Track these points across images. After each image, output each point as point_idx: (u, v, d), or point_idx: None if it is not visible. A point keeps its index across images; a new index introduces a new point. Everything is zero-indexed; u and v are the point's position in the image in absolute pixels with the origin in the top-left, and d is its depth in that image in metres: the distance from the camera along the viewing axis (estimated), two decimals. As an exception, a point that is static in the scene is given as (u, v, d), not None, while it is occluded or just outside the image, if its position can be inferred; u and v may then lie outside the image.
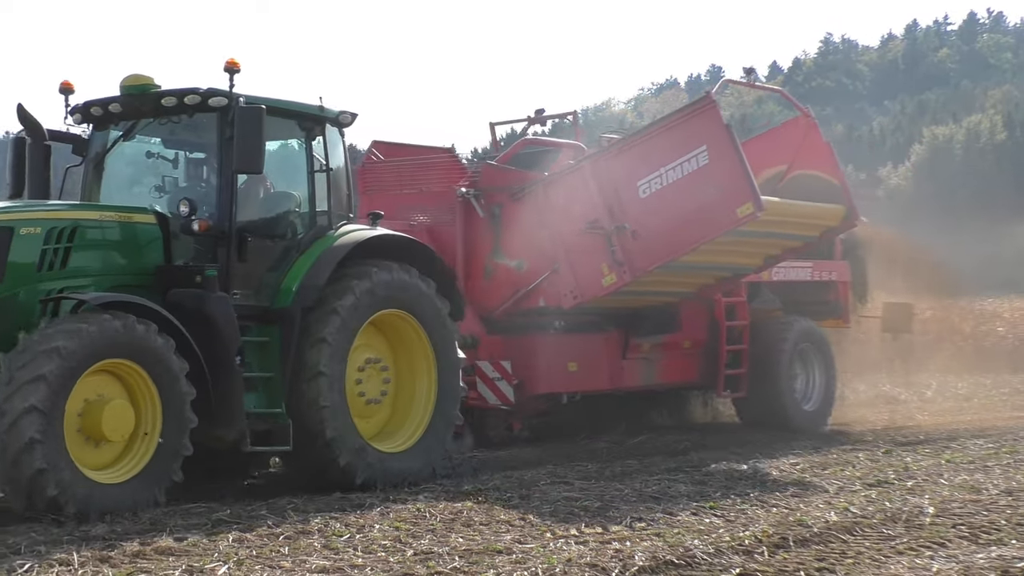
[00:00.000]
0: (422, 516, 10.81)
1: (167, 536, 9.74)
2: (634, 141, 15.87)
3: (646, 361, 18.18)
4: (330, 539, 9.75)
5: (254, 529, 10.10)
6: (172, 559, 8.97)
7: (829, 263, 20.60)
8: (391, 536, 9.87)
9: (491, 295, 16.70)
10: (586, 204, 15.92)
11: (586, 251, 15.99)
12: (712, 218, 15.43)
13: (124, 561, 8.90)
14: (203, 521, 10.51)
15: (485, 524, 10.46)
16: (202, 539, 9.68)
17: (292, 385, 12.19)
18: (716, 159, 15.38)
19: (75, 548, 9.21)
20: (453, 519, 10.69)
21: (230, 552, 9.18)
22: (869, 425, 19.80)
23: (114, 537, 9.74)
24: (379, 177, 17.47)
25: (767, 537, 9.84)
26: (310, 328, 12.27)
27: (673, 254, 15.64)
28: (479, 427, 16.82)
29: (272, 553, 9.21)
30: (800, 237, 17.16)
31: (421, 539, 9.77)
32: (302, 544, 9.54)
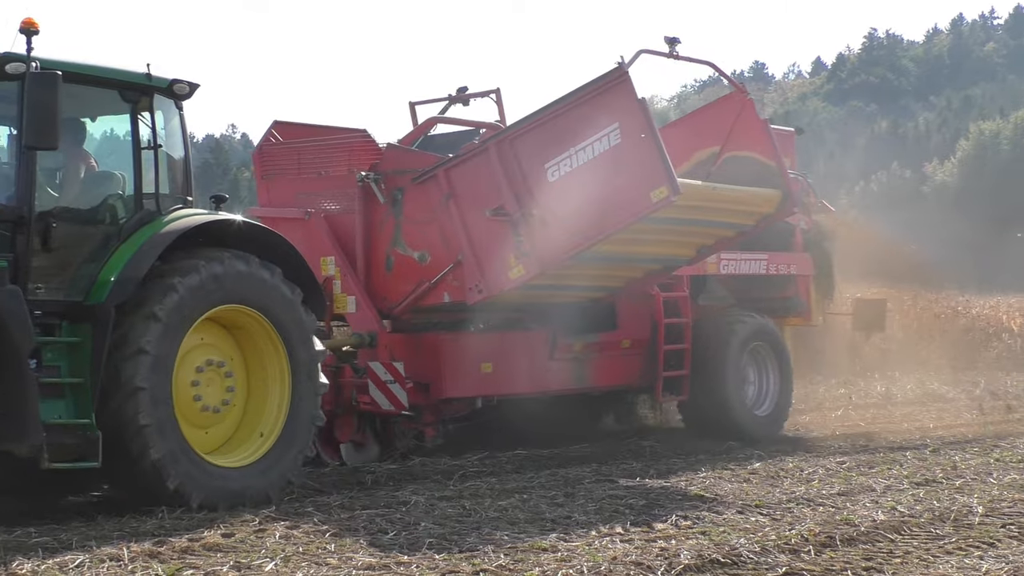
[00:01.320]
0: (467, 514, 10.72)
1: (215, 532, 9.74)
2: (542, 118, 14.18)
3: (577, 362, 16.53)
4: (376, 536, 9.70)
5: (301, 526, 10.08)
6: (220, 555, 8.99)
7: (787, 255, 18.90)
8: (437, 534, 9.79)
9: (393, 289, 15.09)
10: (491, 189, 14.28)
11: (492, 241, 14.34)
12: (624, 204, 13.76)
13: (173, 557, 8.94)
14: (250, 518, 10.42)
15: (530, 521, 10.41)
16: (249, 536, 9.67)
17: (106, 396, 10.59)
18: (629, 138, 13.70)
19: (125, 543, 9.20)
20: (498, 517, 10.59)
21: (277, 549, 9.20)
22: (916, 423, 19.16)
23: (163, 533, 9.76)
24: (277, 161, 15.86)
25: (813, 536, 9.76)
26: (127, 335, 10.67)
27: (583, 243, 13.96)
28: (384, 436, 15.20)
29: (318, 550, 9.20)
30: (732, 225, 15.43)
31: (467, 536, 9.70)
32: (348, 541, 9.50)
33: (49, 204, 10.82)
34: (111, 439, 10.54)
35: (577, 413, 17.76)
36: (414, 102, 17.14)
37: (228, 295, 11.23)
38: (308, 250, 14.96)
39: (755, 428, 17.40)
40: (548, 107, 14.20)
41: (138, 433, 10.58)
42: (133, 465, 10.66)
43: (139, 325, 10.67)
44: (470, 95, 16.95)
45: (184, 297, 10.87)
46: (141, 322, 10.68)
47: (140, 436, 10.58)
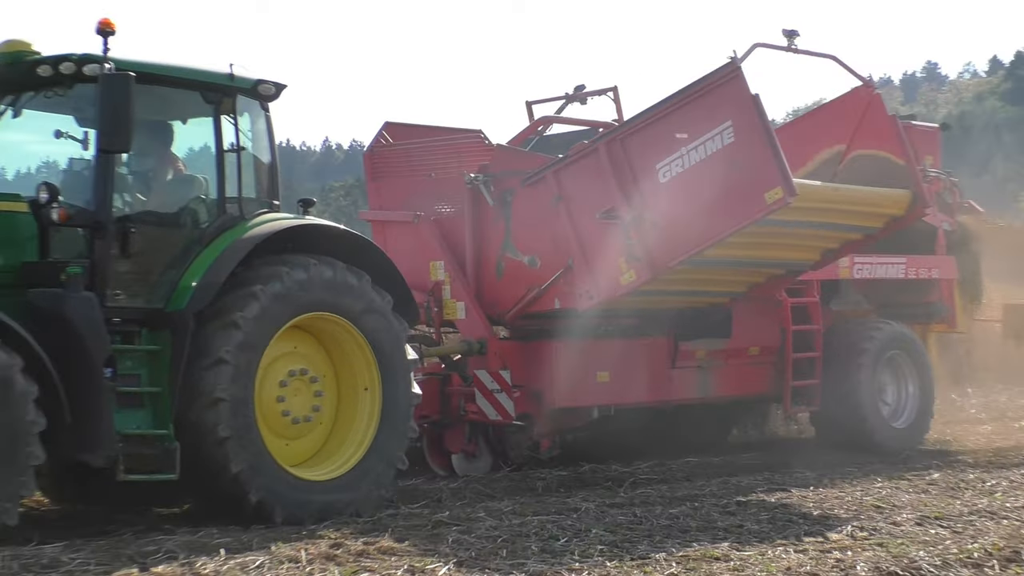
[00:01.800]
0: (639, 521, 10.64)
1: (389, 537, 9.82)
2: (653, 117, 13.55)
3: (701, 370, 15.86)
4: (547, 543, 9.70)
5: (473, 531, 10.10)
6: (395, 559, 9.08)
7: (929, 258, 17.96)
8: (608, 541, 9.75)
9: (503, 295, 14.59)
10: (602, 190, 13.68)
11: (603, 245, 13.74)
12: (738, 206, 13.05)
13: (349, 560, 9.03)
14: (424, 522, 10.55)
15: (701, 530, 10.32)
16: (422, 540, 9.76)
17: (185, 407, 10.25)
18: (742, 136, 13.01)
19: (303, 545, 9.37)
20: (670, 525, 10.51)
21: (449, 553, 9.27)
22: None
23: (339, 536, 9.86)
24: (387, 163, 15.48)
25: (997, 550, 9.47)
26: (207, 344, 10.33)
27: (696, 248, 13.29)
28: (497, 446, 14.72)
29: (490, 555, 9.24)
30: (858, 228, 14.62)
31: (638, 544, 9.67)
32: (520, 547, 9.52)
33: (131, 209, 10.56)
34: (190, 451, 10.22)
35: (702, 423, 17.11)
36: (531, 101, 16.66)
37: (313, 302, 10.85)
38: (417, 254, 14.71)
39: (892, 441, 16.56)
40: (659, 105, 13.57)
41: (218, 445, 10.25)
42: (213, 478, 10.34)
43: (219, 334, 10.34)
44: (587, 93, 16.41)
45: (266, 305, 10.51)
46: (221, 331, 10.35)
47: (220, 448, 10.26)
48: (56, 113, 10.91)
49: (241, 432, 10.32)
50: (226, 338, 10.31)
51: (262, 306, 10.48)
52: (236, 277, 10.56)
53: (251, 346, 10.43)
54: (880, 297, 17.71)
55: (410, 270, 14.70)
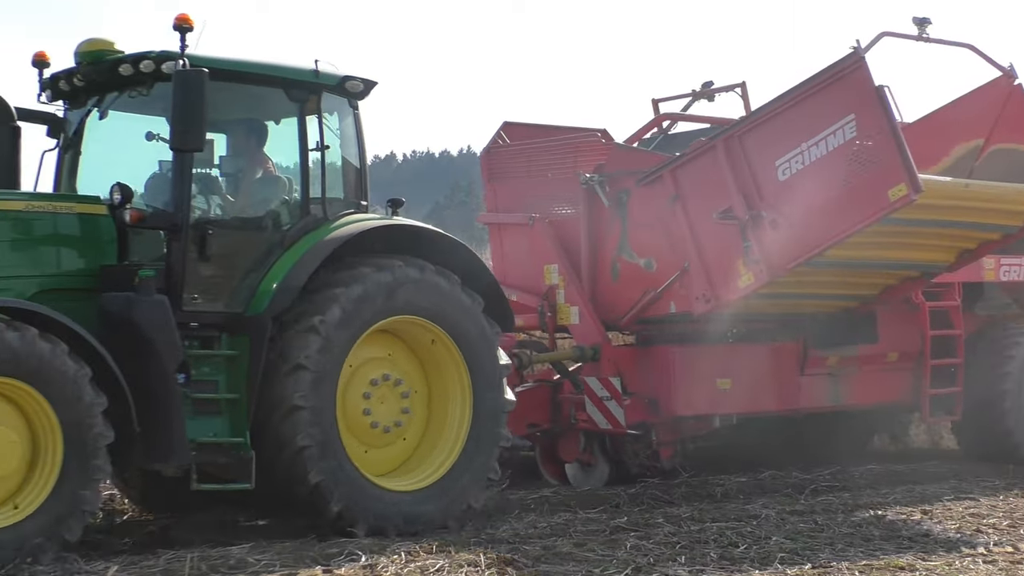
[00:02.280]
0: (819, 529, 10.50)
1: (567, 542, 9.83)
2: (771, 111, 12.82)
3: (832, 377, 15.06)
4: (726, 550, 9.59)
5: (651, 537, 10.05)
6: (572, 564, 9.08)
7: (1086, 260, 16.85)
8: (788, 548, 9.64)
9: (619, 298, 13.98)
10: (719, 190, 12.99)
11: (720, 246, 13.05)
12: (860, 203, 12.25)
13: (527, 565, 9.05)
14: (602, 528, 10.52)
15: (885, 539, 10.15)
16: (600, 545, 9.70)
17: (264, 415, 9.88)
18: (865, 131, 12.22)
19: (482, 550, 9.40)
20: (852, 533, 10.35)
21: (628, 559, 9.22)
22: None
23: (517, 540, 9.90)
24: (504, 164, 14.97)
25: None
26: (286, 350, 9.94)
27: (815, 248, 12.53)
28: (615, 455, 14.14)
29: (669, 561, 9.18)
30: (996, 227, 13.67)
31: (819, 552, 9.51)
32: (698, 553, 9.44)
33: (213, 210, 10.25)
34: (268, 460, 9.84)
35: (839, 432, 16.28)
36: (657, 99, 15.99)
37: (399, 306, 10.40)
38: (532, 257, 14.23)
39: None
40: (779, 99, 12.83)
41: (297, 455, 9.86)
42: (292, 489, 9.95)
43: (298, 339, 9.94)
44: (715, 90, 15.69)
45: (348, 309, 10.09)
46: (300, 336, 9.95)
47: (299, 458, 9.86)
48: (144, 114, 10.64)
49: (321, 441, 9.91)
50: (305, 344, 9.91)
51: (344, 310, 10.06)
52: (319, 280, 10.17)
53: (332, 352, 10.02)
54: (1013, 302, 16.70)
55: (525, 274, 14.38)
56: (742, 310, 13.59)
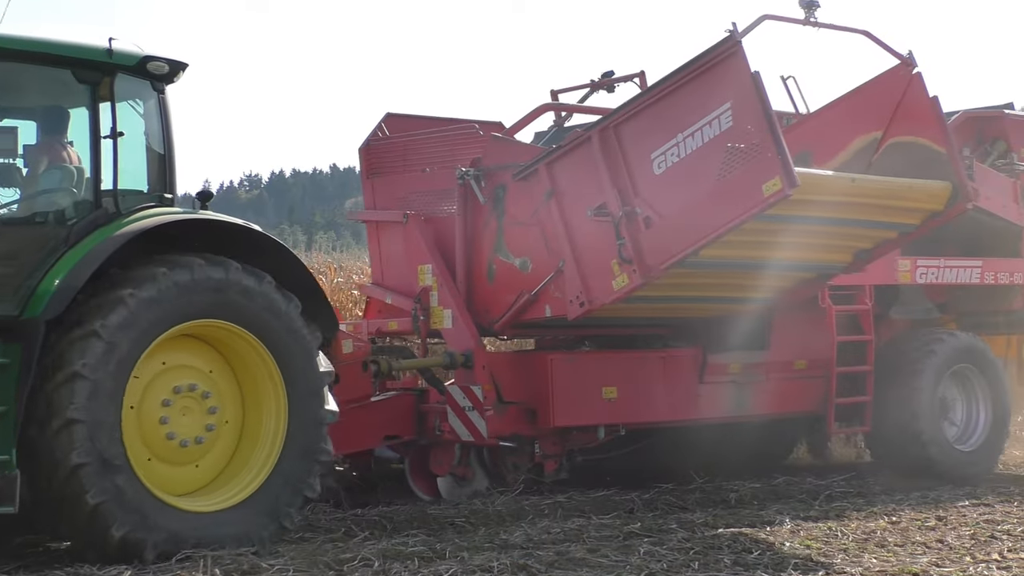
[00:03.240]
0: (834, 535, 10.38)
1: (581, 547, 9.71)
2: (646, 100, 11.77)
3: (736, 386, 13.99)
4: (740, 556, 9.47)
5: (665, 543, 9.93)
6: (586, 570, 8.97)
7: (1012, 262, 15.76)
8: (802, 554, 9.54)
9: (495, 301, 12.90)
10: (595, 184, 11.94)
11: (595, 245, 11.98)
12: (734, 199, 11.19)
13: (540, 570, 8.92)
14: (616, 534, 10.37)
15: (900, 545, 9.98)
16: (614, 551, 9.57)
17: (34, 429, 8.81)
18: (740, 120, 11.16)
19: (496, 555, 9.31)
20: (866, 539, 10.22)
21: (641, 565, 9.10)
22: None
23: (531, 546, 9.78)
24: (382, 158, 13.90)
25: None
26: (62, 357, 8.85)
27: (689, 247, 11.46)
28: (494, 468, 13.09)
29: (682, 567, 9.06)
30: (892, 225, 12.58)
31: (833, 558, 9.41)
32: (712, 559, 9.30)
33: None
34: (40, 480, 8.77)
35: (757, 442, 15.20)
36: (556, 90, 14.90)
37: (200, 308, 9.32)
38: (407, 257, 13.19)
39: (957, 465, 14.50)
40: (654, 87, 11.79)
41: (71, 474, 8.76)
42: (69, 511, 8.85)
43: (76, 345, 8.85)
44: (614, 80, 14.58)
45: (136, 311, 9.00)
46: (79, 341, 8.86)
47: (74, 477, 8.77)
48: None
49: (101, 458, 8.82)
50: (84, 350, 8.82)
51: (131, 312, 8.97)
52: (106, 279, 9.09)
53: (116, 359, 8.93)
54: (953, 305, 15.61)
55: (400, 275, 13.35)
56: (621, 314, 12.56)
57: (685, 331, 13.76)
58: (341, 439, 11.54)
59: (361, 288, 15.30)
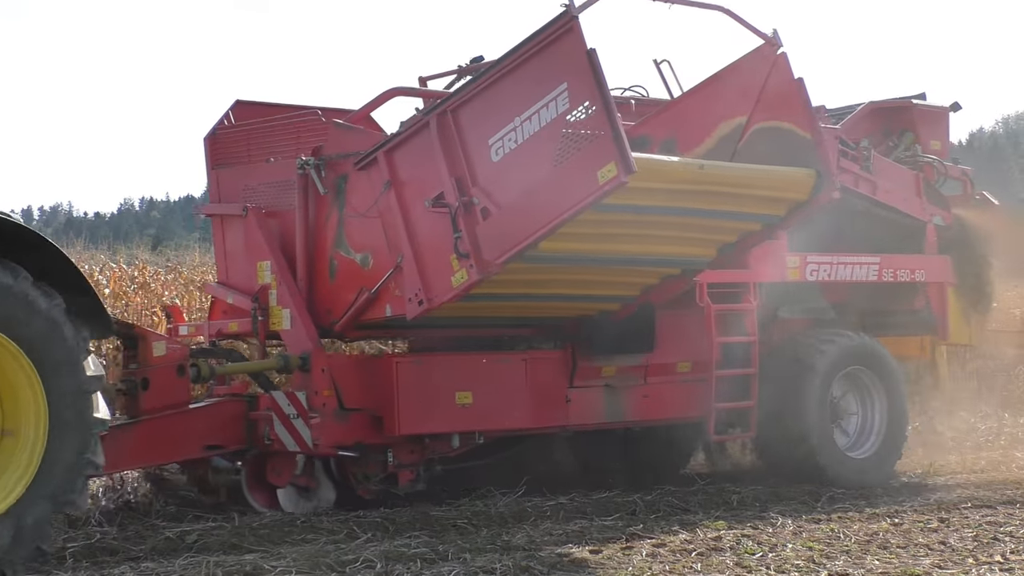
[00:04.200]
0: (836, 537, 10.29)
1: (583, 548, 9.69)
2: (484, 81, 10.80)
3: (610, 390, 13.02)
4: (742, 557, 9.41)
5: (667, 544, 9.89)
6: (588, 572, 9.00)
7: (913, 258, 14.80)
8: (804, 556, 9.44)
9: (337, 300, 11.92)
10: (433, 173, 10.97)
11: (433, 239, 11.02)
12: (570, 187, 10.24)
13: (543, 572, 8.91)
14: (618, 535, 10.30)
15: (902, 547, 9.89)
16: (617, 552, 9.58)
17: None
18: (577, 102, 10.20)
19: (498, 556, 9.26)
20: (868, 541, 10.11)
21: (643, 566, 9.08)
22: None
23: (532, 547, 9.72)
24: (227, 147, 12.89)
25: None
26: None
27: (526, 240, 10.49)
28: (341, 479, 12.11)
29: (685, 569, 9.04)
30: (756, 217, 11.61)
31: (835, 560, 9.34)
32: (714, 561, 9.29)
33: None
34: None
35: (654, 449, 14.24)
36: (424, 77, 13.91)
37: None
38: (247, 253, 12.21)
39: (849, 472, 13.53)
40: (492, 66, 10.82)
41: None
42: None
43: None
44: (482, 66, 13.57)
45: None
46: None
47: None
48: None
49: None
50: None
51: None
52: None
53: None
54: (851, 304, 14.63)
55: (241, 272, 12.39)
56: (466, 313, 11.59)
57: (553, 332, 12.80)
58: (155, 449, 10.66)
59: (205, 287, 14.33)
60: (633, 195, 10.29)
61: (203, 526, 10.64)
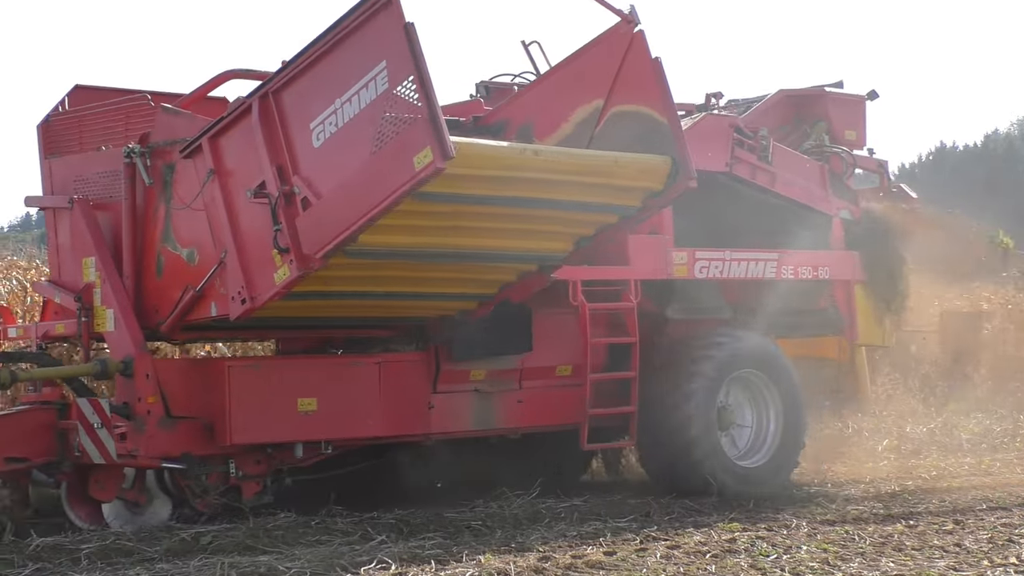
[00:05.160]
0: (851, 539, 10.15)
1: (597, 550, 9.60)
2: (305, 59, 9.80)
3: (480, 396, 12.01)
4: (756, 559, 9.31)
5: (681, 546, 9.80)
6: (602, 572, 8.93)
7: (817, 254, 13.80)
8: (819, 558, 9.34)
9: (164, 299, 10.91)
10: (255, 161, 9.97)
11: (257, 232, 10.04)
12: (386, 174, 9.24)
13: (557, 573, 8.88)
14: (632, 536, 10.20)
15: (917, 549, 9.78)
16: (631, 554, 9.49)
17: None
18: (397, 82, 9.19)
19: (512, 558, 9.21)
20: (883, 543, 9.98)
21: (658, 568, 9.02)
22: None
23: (548, 549, 9.64)
24: (62, 135, 11.89)
25: None
26: None
27: (343, 232, 9.48)
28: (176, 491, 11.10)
29: (698, 571, 8.96)
30: (609, 208, 10.58)
31: (850, 562, 9.23)
32: (729, 563, 9.17)
33: None
34: None
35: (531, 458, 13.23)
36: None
37: None
38: (72, 249, 11.22)
39: (738, 482, 12.52)
40: (314, 43, 9.79)
41: None
42: None
43: None
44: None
45: None
46: None
47: None
48: None
49: None
50: None
51: None
52: None
53: None
54: (755, 304, 13.59)
55: (71, 270, 11.40)
56: (297, 313, 10.62)
57: (416, 333, 11.79)
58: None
59: (34, 286, 13.32)
60: (459, 183, 9.32)
61: (217, 527, 10.45)
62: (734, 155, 13.11)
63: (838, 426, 15.63)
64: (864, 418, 16.44)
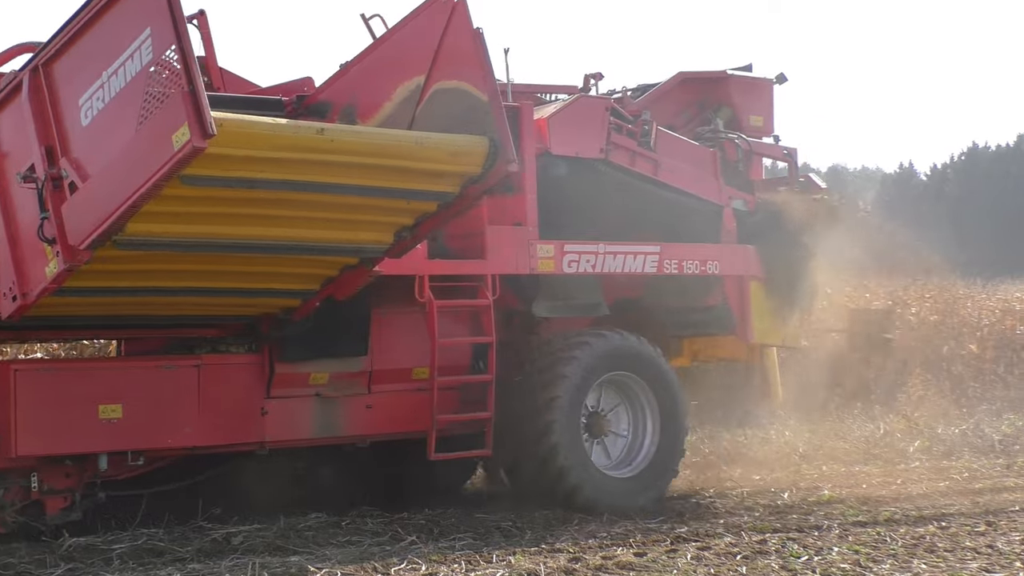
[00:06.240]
0: (882, 540, 10.06)
1: (628, 551, 9.55)
2: (72, 27, 8.67)
3: (323, 401, 10.89)
4: (788, 560, 9.23)
5: (712, 547, 9.71)
6: (632, 574, 8.89)
7: (706, 248, 12.64)
8: (850, 559, 9.27)
9: (-45, 295, 9.79)
10: (25, 141, 8.83)
11: (28, 221, 8.92)
12: (146, 155, 8.10)
13: (587, 574, 8.85)
14: (663, 537, 10.13)
15: (949, 551, 9.70)
16: (662, 555, 9.42)
17: None
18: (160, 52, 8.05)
19: (542, 559, 9.19)
20: (915, 544, 9.90)
21: (688, 569, 8.95)
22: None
23: (578, 550, 9.56)
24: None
25: None
26: None
27: (105, 220, 8.34)
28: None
29: (729, 572, 8.90)
30: (426, 195, 9.39)
31: (881, 564, 9.14)
32: (759, 564, 9.10)
33: None
34: None
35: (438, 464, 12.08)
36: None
37: None
38: None
39: (608, 495, 11.43)
40: (82, 9, 8.64)
41: None
42: None
43: None
44: None
45: None
46: None
47: None
48: None
49: None
50: None
51: None
52: None
53: None
54: (642, 301, 12.46)
55: None
56: (78, 311, 9.50)
57: (247, 333, 10.65)
58: None
59: None
60: (229, 165, 8.17)
61: (249, 527, 10.30)
62: (611, 140, 12.00)
63: (870, 428, 15.87)
64: (895, 420, 16.46)
